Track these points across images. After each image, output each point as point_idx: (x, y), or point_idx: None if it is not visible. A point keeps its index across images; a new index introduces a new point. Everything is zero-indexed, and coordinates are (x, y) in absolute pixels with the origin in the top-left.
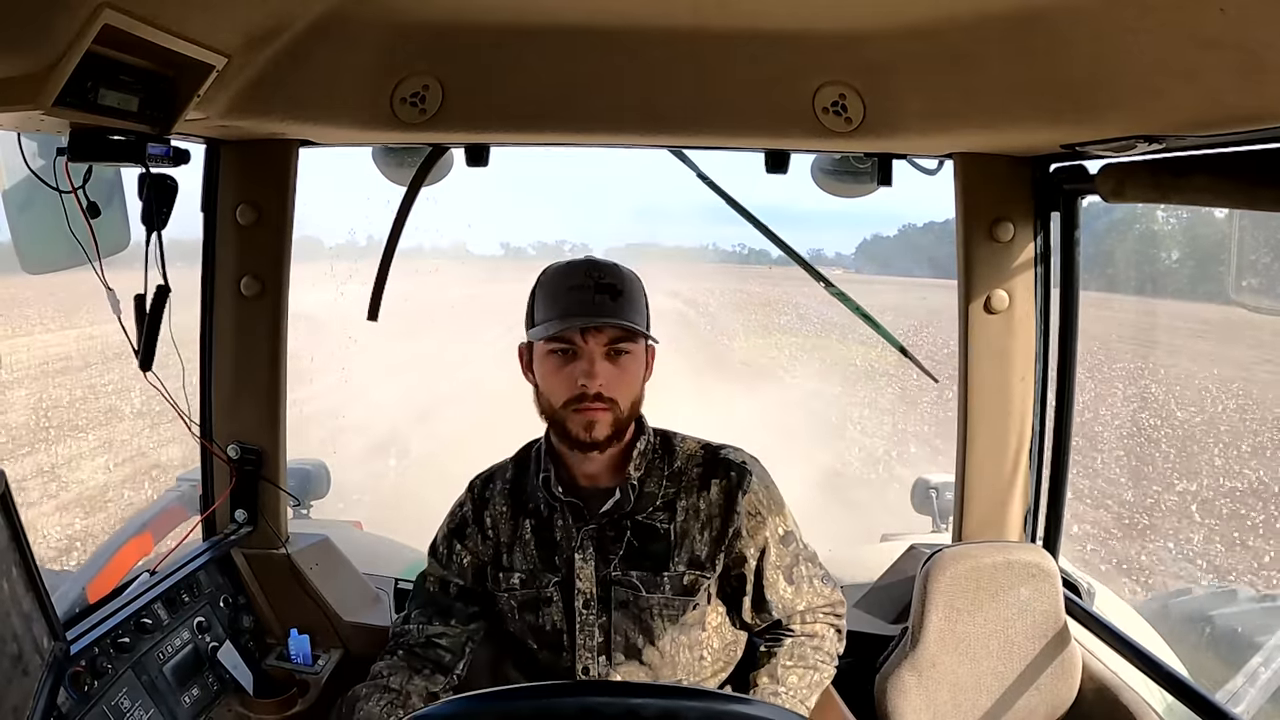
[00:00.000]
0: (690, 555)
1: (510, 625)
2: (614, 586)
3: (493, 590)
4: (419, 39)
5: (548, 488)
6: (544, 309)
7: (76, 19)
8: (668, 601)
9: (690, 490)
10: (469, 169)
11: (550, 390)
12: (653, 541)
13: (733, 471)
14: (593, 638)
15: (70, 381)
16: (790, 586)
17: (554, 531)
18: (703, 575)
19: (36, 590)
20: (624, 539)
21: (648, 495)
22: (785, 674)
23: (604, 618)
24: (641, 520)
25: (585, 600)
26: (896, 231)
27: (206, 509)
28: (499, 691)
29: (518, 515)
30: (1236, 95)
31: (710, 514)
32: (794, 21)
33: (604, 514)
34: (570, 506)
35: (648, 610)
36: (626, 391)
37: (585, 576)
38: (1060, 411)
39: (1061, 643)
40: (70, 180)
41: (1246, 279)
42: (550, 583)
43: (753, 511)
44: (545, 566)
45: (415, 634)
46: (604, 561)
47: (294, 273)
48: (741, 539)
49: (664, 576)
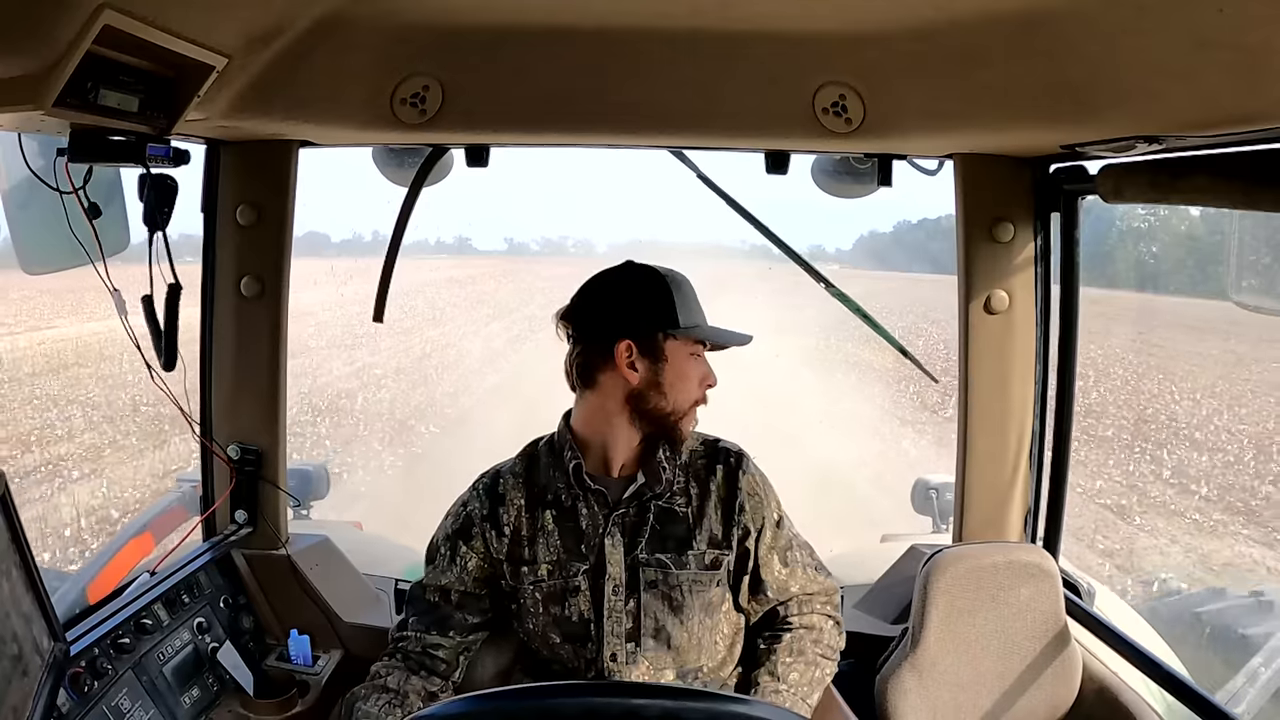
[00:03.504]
0: (710, 534)
1: (530, 622)
2: (642, 569)
3: (514, 585)
4: (419, 39)
5: (579, 476)
6: (686, 314)
7: (77, 19)
8: (695, 577)
9: (699, 477)
10: (469, 169)
11: (684, 387)
12: (674, 524)
13: (731, 457)
14: (621, 624)
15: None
16: (785, 569)
17: (579, 520)
18: (723, 552)
19: (36, 591)
20: (647, 523)
21: (666, 481)
22: (786, 671)
23: (632, 602)
24: (663, 504)
25: (615, 586)
26: (892, 229)
27: (206, 509)
28: (501, 691)
29: (535, 508)
30: (1235, 95)
31: (720, 494)
32: (794, 22)
33: (629, 498)
34: (596, 495)
35: (677, 588)
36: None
37: (615, 561)
38: (1060, 411)
39: (1062, 643)
40: (71, 180)
41: (1246, 279)
42: (579, 571)
43: (752, 491)
44: (572, 555)
45: (413, 641)
46: (631, 545)
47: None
48: (745, 514)
49: (689, 555)
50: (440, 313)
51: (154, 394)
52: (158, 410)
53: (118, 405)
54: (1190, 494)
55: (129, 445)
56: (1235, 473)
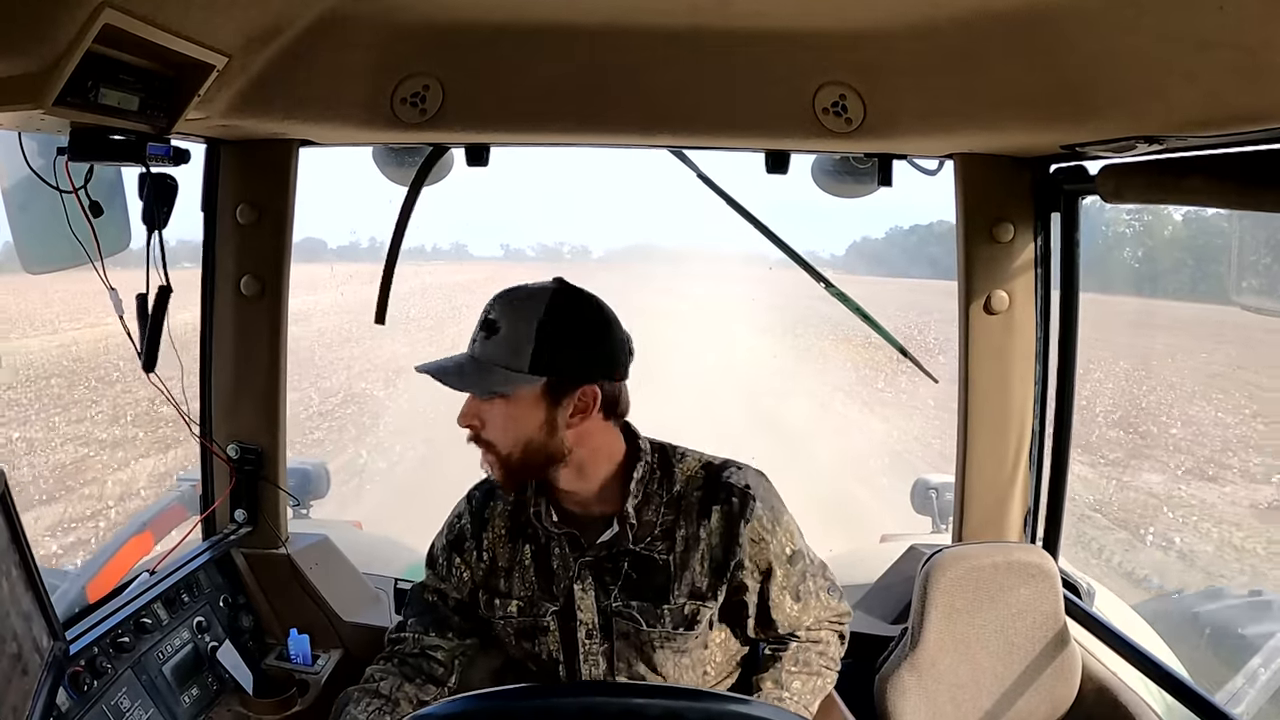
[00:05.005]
0: (690, 587)
1: (508, 650)
2: (615, 618)
3: (486, 616)
4: (419, 39)
5: (539, 520)
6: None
7: (77, 18)
8: (669, 634)
9: (690, 517)
10: (469, 169)
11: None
12: (652, 573)
13: (734, 498)
14: (598, 666)
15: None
16: (797, 604)
17: (551, 559)
18: (704, 605)
19: (36, 590)
20: (622, 570)
21: (645, 524)
22: (790, 679)
23: (607, 645)
24: (639, 551)
25: (588, 630)
26: (884, 234)
27: (206, 509)
28: (500, 691)
29: (516, 539)
30: (1236, 95)
31: (710, 543)
32: (794, 21)
33: (601, 544)
34: (567, 537)
35: (649, 642)
36: (499, 436)
37: (586, 607)
38: (1060, 411)
39: (1061, 643)
40: (71, 180)
41: (1247, 280)
42: (548, 611)
43: (756, 539)
44: (544, 595)
45: (411, 643)
46: (604, 592)
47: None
48: (744, 570)
49: (664, 609)
50: (458, 311)
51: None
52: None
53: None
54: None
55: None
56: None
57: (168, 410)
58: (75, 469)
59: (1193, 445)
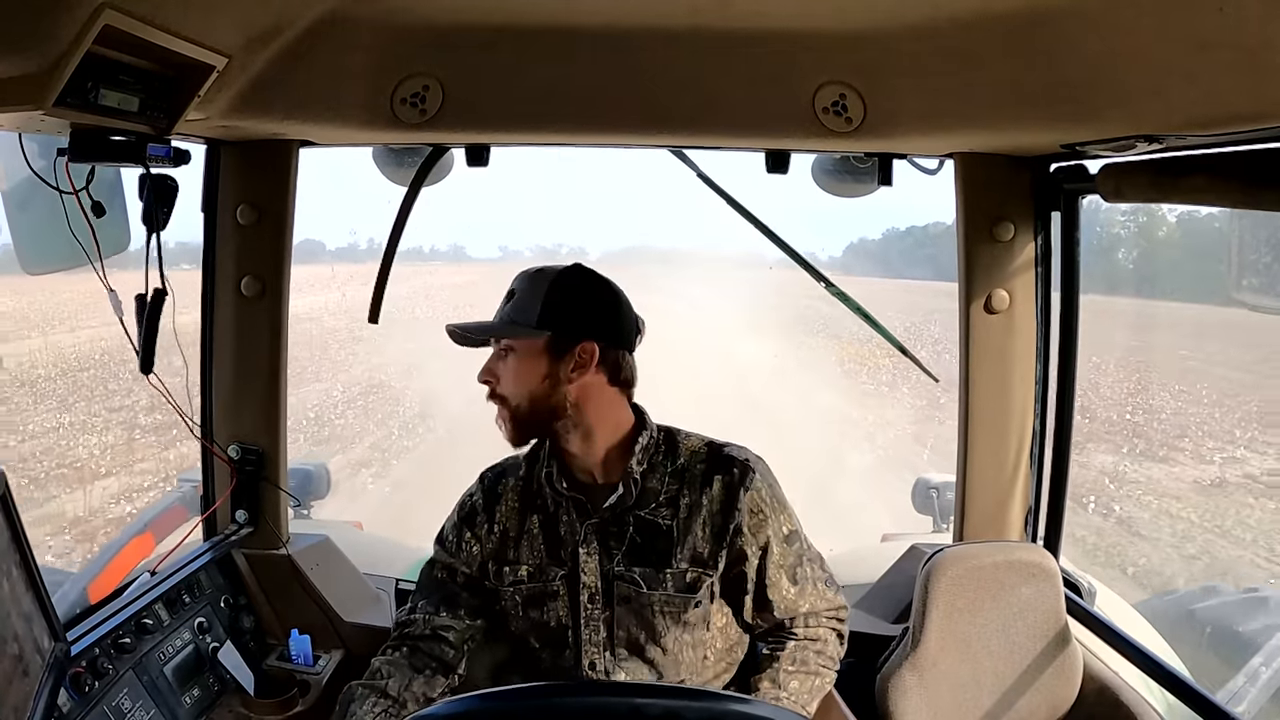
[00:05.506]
0: (692, 552)
1: (513, 624)
2: (616, 582)
3: (496, 586)
4: (419, 39)
5: (550, 482)
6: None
7: (77, 19)
8: (669, 599)
9: (693, 486)
10: (468, 170)
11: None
12: (655, 537)
13: (735, 468)
14: (598, 632)
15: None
16: (794, 587)
17: (559, 526)
18: (705, 573)
19: (37, 590)
20: (626, 534)
21: (650, 491)
22: (787, 679)
23: (608, 612)
24: (644, 516)
25: (590, 594)
26: (881, 235)
27: (207, 509)
28: (501, 691)
29: (526, 511)
30: (1236, 95)
31: (712, 510)
32: (794, 21)
33: (607, 508)
34: (574, 501)
35: (649, 607)
36: (510, 389)
37: (590, 570)
38: (1060, 411)
39: (1062, 643)
40: (71, 181)
41: (1247, 279)
42: (557, 576)
43: (755, 509)
44: (551, 560)
45: (421, 624)
46: (607, 556)
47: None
48: (743, 536)
49: (666, 573)
50: (460, 311)
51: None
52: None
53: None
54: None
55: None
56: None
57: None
58: (126, 449)
59: (1148, 430)
